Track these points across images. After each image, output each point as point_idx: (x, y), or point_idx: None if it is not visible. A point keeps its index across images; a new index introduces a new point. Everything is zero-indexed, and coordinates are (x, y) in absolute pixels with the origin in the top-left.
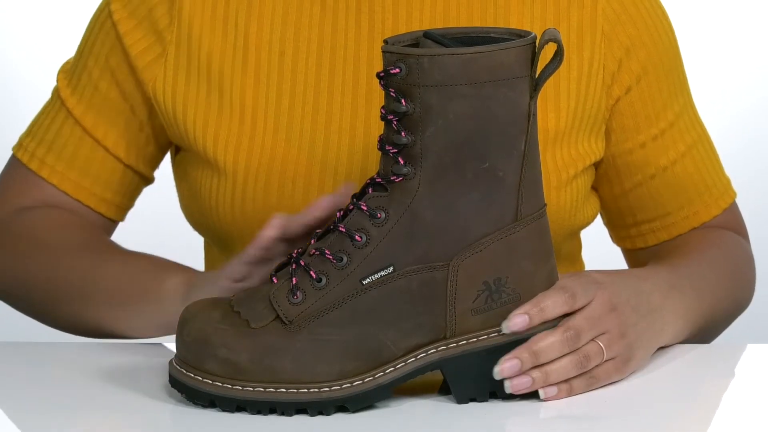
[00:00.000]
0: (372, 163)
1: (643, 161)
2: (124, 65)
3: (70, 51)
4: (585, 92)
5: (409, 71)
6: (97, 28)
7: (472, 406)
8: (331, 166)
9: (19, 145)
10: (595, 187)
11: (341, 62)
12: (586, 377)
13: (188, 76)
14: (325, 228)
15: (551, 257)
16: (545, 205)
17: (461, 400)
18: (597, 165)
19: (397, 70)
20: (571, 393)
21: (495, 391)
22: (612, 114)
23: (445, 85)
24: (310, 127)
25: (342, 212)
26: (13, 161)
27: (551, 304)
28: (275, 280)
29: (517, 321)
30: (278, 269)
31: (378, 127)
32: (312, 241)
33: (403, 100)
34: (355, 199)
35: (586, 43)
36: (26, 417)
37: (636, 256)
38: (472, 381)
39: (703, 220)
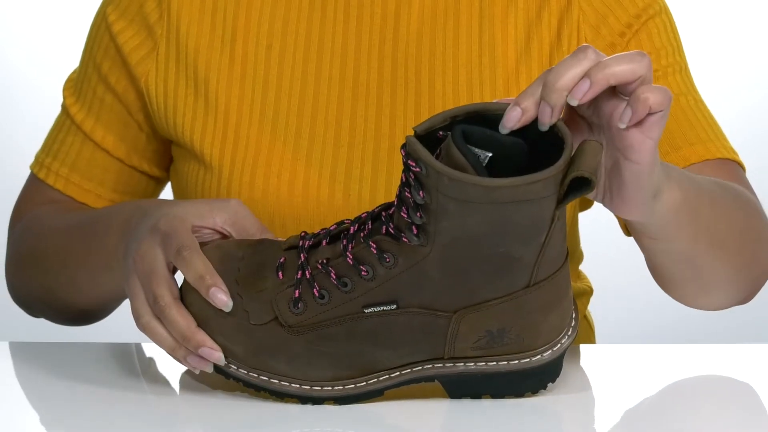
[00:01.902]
0: (356, 157)
1: None
2: (118, 66)
3: (69, 51)
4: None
5: (429, 175)
6: (93, 33)
7: (463, 401)
8: (315, 160)
9: (34, 160)
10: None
11: (328, 55)
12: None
13: (177, 70)
14: (338, 228)
15: (565, 298)
16: (567, 255)
17: (455, 396)
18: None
19: (418, 169)
20: (647, 105)
21: (490, 397)
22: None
23: (465, 201)
24: (295, 120)
25: (356, 227)
26: (29, 175)
27: (529, 87)
28: (281, 275)
29: (512, 116)
30: (288, 247)
31: (363, 121)
32: (324, 243)
33: (421, 192)
34: (369, 223)
35: (565, 21)
36: (38, 416)
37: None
38: (468, 390)
39: (703, 157)
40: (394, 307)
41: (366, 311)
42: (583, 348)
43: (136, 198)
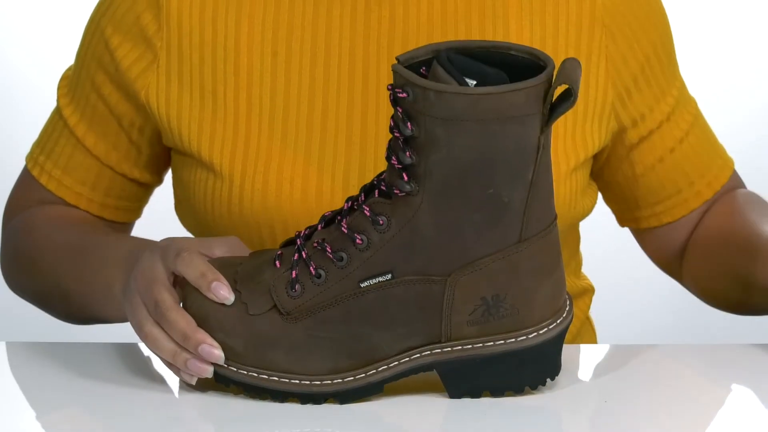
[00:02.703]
0: (369, 160)
1: (661, 138)
2: (112, 80)
3: (69, 51)
4: (586, 82)
5: (416, 99)
6: (87, 40)
7: (463, 401)
8: (328, 165)
9: (30, 153)
10: (607, 175)
11: (336, 60)
12: None
13: (180, 81)
14: (332, 213)
15: (557, 268)
16: (555, 216)
17: (454, 395)
18: (606, 153)
19: (405, 95)
20: None
21: (489, 392)
22: (625, 101)
23: (451, 120)
24: (305, 126)
25: (350, 203)
26: (24, 168)
27: None
28: (278, 264)
29: None
30: (284, 245)
31: (374, 124)
32: (319, 227)
33: (409, 124)
34: (362, 195)
35: (584, 36)
36: (36, 416)
37: (656, 235)
38: (466, 381)
39: (722, 182)
40: (389, 277)
41: (362, 285)
42: (583, 348)
43: (126, 202)
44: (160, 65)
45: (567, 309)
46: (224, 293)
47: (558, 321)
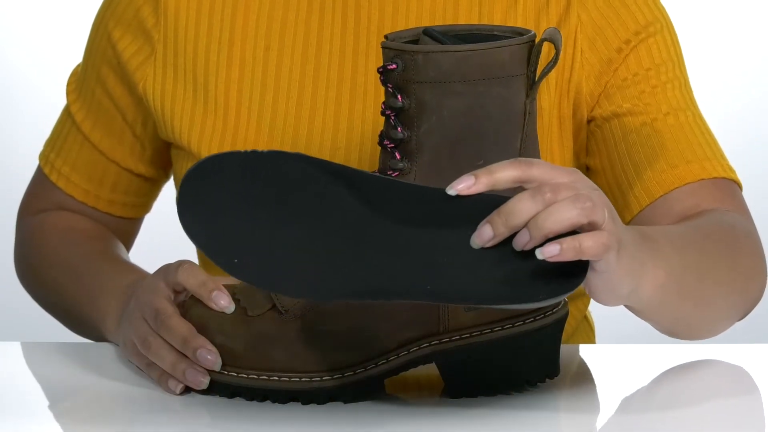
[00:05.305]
0: (353, 160)
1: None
2: (115, 73)
3: (69, 51)
4: (569, 76)
5: (405, 67)
6: (93, 35)
7: (463, 401)
8: None
9: (42, 150)
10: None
11: (326, 57)
12: (599, 237)
13: (175, 74)
14: None
15: None
16: None
17: (454, 394)
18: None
19: (394, 66)
20: (581, 253)
21: (489, 388)
22: (607, 87)
23: (439, 82)
24: (293, 122)
25: None
26: (38, 166)
27: (501, 167)
28: None
29: (461, 184)
30: None
31: (361, 123)
32: None
33: (399, 96)
34: None
35: (568, 41)
36: (51, 415)
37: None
38: (466, 376)
39: (687, 180)
40: None
41: None
42: (583, 348)
43: (133, 197)
44: (157, 58)
45: (563, 302)
46: (224, 302)
47: (554, 310)
